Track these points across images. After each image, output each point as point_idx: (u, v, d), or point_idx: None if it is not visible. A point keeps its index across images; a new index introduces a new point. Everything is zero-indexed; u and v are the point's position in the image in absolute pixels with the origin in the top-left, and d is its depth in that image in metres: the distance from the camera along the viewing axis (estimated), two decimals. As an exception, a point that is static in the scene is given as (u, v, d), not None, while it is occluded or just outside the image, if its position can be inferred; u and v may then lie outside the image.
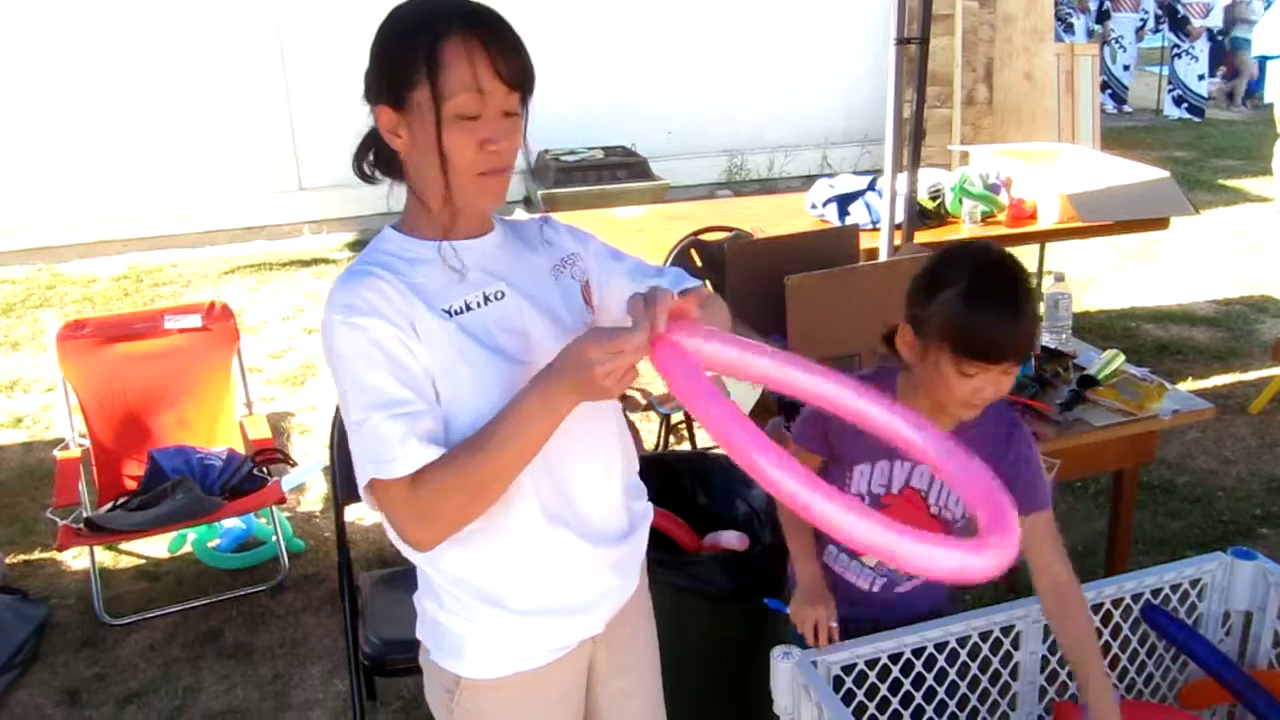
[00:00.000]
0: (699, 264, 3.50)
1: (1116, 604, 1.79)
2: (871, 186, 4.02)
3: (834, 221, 3.97)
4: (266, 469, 3.27)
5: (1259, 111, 10.59)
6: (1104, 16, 11.24)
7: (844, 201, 4.03)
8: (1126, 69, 11.45)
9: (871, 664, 1.64)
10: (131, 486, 3.27)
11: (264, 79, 6.76)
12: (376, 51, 1.23)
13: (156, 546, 3.44)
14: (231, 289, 5.90)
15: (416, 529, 1.22)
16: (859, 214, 3.96)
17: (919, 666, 1.68)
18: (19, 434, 4.28)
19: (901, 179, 3.46)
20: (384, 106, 1.23)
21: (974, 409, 1.57)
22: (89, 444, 3.33)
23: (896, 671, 1.66)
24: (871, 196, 3.97)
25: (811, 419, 1.72)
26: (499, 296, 1.29)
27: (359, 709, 2.43)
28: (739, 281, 2.84)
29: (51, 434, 4.17)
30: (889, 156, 3.39)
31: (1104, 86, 9.94)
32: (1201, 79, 11.17)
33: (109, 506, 3.22)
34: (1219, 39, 11.83)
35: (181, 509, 2.99)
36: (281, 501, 3.21)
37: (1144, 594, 1.79)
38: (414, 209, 1.30)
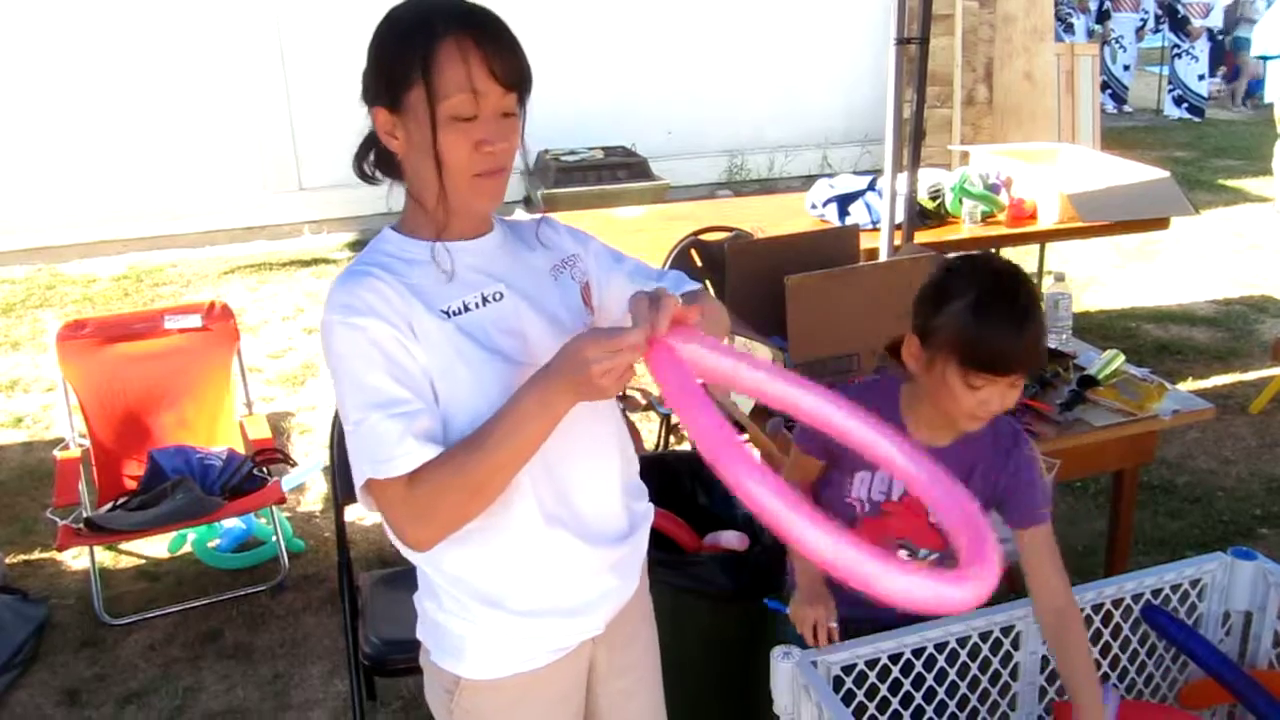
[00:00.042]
0: (699, 264, 3.49)
1: (1116, 604, 1.79)
2: (871, 186, 4.02)
3: (834, 221, 3.98)
4: (266, 469, 3.28)
5: (1259, 111, 10.59)
6: (1104, 16, 11.25)
7: (844, 201, 4.03)
8: (1127, 69, 11.45)
9: (871, 664, 1.64)
10: (131, 486, 3.28)
11: (264, 79, 6.76)
12: (373, 53, 1.23)
13: (156, 546, 3.44)
14: (231, 289, 5.90)
15: (414, 529, 1.22)
16: (859, 214, 3.96)
17: (919, 666, 1.68)
18: (19, 434, 4.28)
19: (901, 179, 3.47)
20: (380, 108, 1.23)
21: (979, 421, 1.56)
22: (89, 444, 3.33)
23: (896, 671, 1.66)
24: (871, 196, 3.97)
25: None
26: (497, 298, 1.29)
27: (359, 709, 2.43)
28: (739, 281, 2.83)
29: (51, 434, 4.17)
30: (889, 156, 3.40)
31: (1104, 86, 9.94)
32: (1201, 79, 11.17)
33: (109, 506, 3.22)
34: (1219, 39, 11.84)
35: (181, 509, 2.99)
36: (281, 501, 3.22)
37: (1144, 594, 1.79)
38: (412, 210, 1.30)
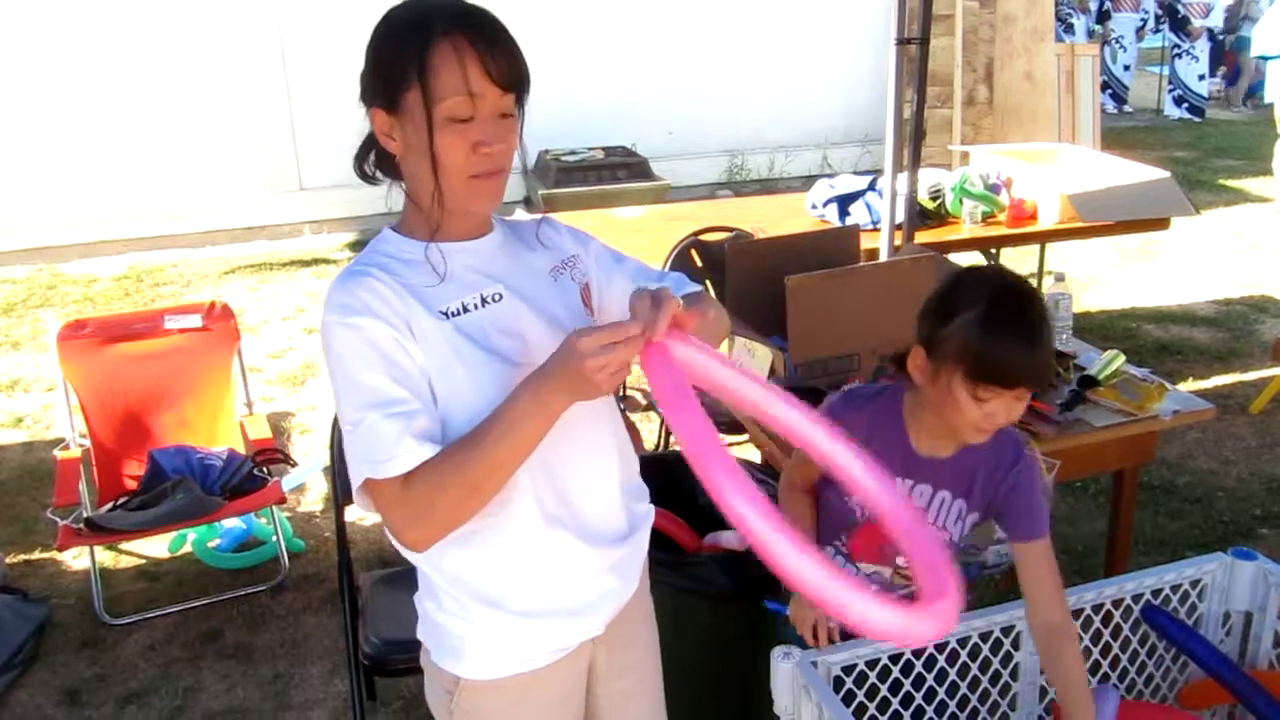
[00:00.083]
0: (699, 264, 3.50)
1: (1116, 604, 1.79)
2: (872, 187, 4.02)
3: (834, 222, 3.98)
4: (267, 469, 3.28)
5: (1259, 111, 10.59)
6: (1104, 16, 11.25)
7: (844, 202, 4.03)
8: (1127, 69, 11.45)
9: (871, 664, 1.64)
10: (132, 486, 3.28)
11: (265, 79, 6.76)
12: (370, 54, 1.23)
13: (157, 546, 3.44)
14: (232, 289, 5.90)
15: (411, 529, 1.22)
16: (859, 214, 3.97)
17: (919, 667, 1.68)
18: (19, 434, 4.28)
19: (902, 179, 3.47)
20: (378, 109, 1.23)
21: (984, 434, 1.56)
22: (89, 444, 3.33)
23: (897, 672, 1.66)
24: (872, 197, 3.98)
25: None
26: (496, 298, 1.29)
27: (359, 709, 2.43)
28: (739, 282, 2.84)
29: (52, 434, 4.17)
30: (889, 157, 3.40)
31: (1104, 86, 9.94)
32: (1202, 79, 11.17)
33: (109, 506, 3.22)
34: (1219, 39, 11.84)
35: (182, 509, 2.99)
36: (282, 501, 3.22)
37: (1144, 594, 1.79)
38: (411, 211, 1.30)
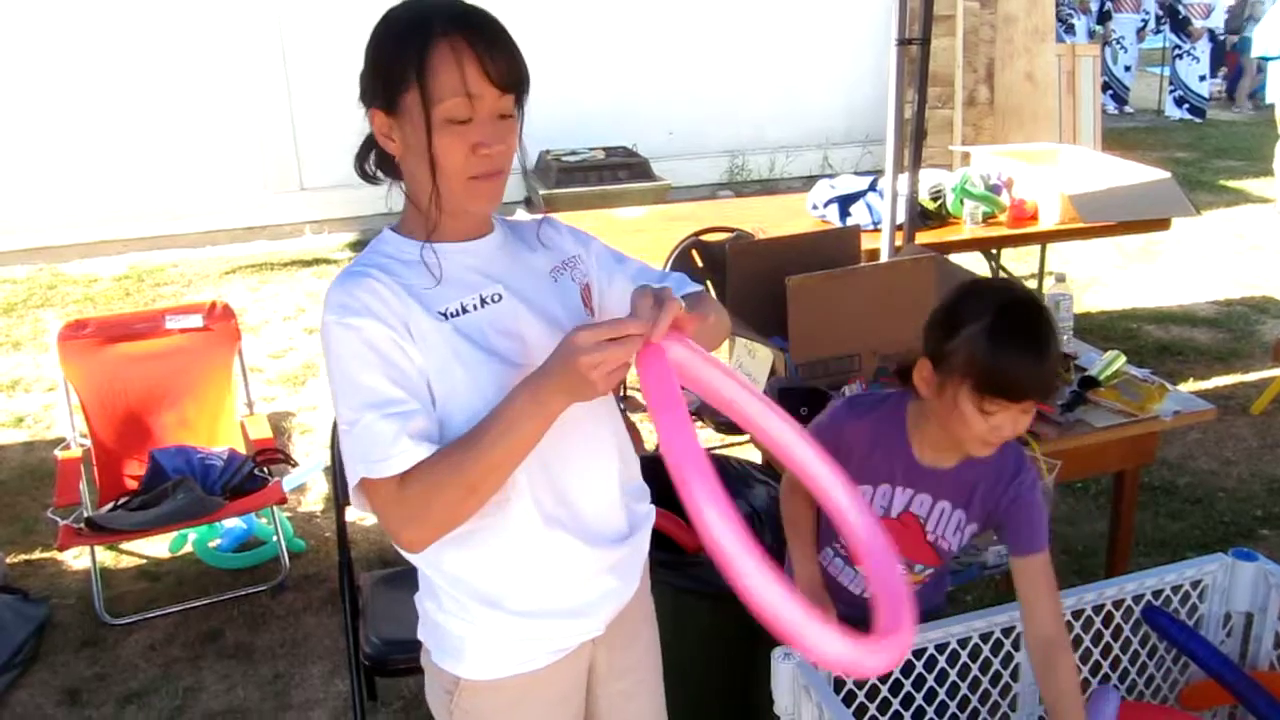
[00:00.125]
0: (700, 264, 3.49)
1: (1117, 605, 1.79)
2: (873, 187, 4.02)
3: (835, 222, 3.98)
4: (267, 469, 3.27)
5: (1260, 112, 10.58)
6: (1105, 17, 11.25)
7: (845, 202, 4.03)
8: (1128, 70, 11.45)
9: (871, 665, 1.63)
10: (132, 486, 3.28)
11: (265, 78, 6.76)
12: (370, 54, 1.23)
13: (157, 546, 3.44)
14: (232, 289, 5.90)
15: (407, 528, 1.22)
16: (860, 214, 3.97)
17: (919, 667, 1.68)
18: (20, 434, 4.28)
19: (903, 180, 3.47)
20: (377, 110, 1.23)
21: (990, 447, 1.55)
22: (90, 444, 3.33)
23: (897, 672, 1.66)
24: (873, 197, 3.98)
25: (816, 433, 1.71)
26: (496, 299, 1.29)
27: (359, 709, 2.43)
28: (740, 282, 2.84)
29: (52, 434, 4.17)
30: (890, 157, 3.40)
31: (1105, 87, 9.94)
32: (1203, 79, 11.17)
33: (110, 506, 3.22)
34: (1220, 40, 11.83)
35: (182, 509, 2.99)
36: (282, 501, 3.22)
37: (1145, 595, 1.79)
38: (411, 211, 1.30)
